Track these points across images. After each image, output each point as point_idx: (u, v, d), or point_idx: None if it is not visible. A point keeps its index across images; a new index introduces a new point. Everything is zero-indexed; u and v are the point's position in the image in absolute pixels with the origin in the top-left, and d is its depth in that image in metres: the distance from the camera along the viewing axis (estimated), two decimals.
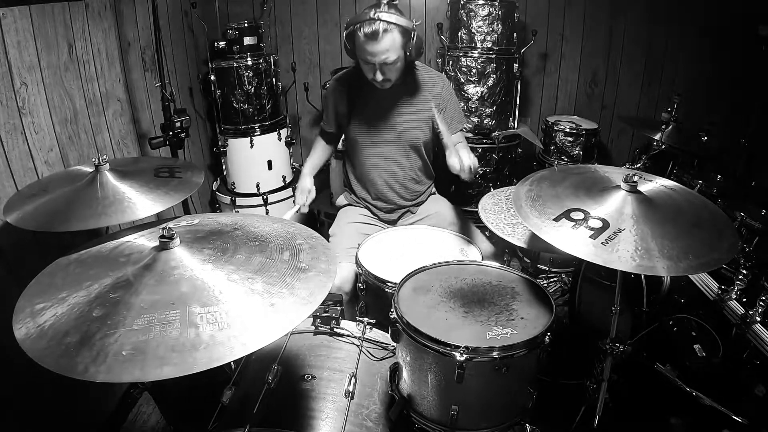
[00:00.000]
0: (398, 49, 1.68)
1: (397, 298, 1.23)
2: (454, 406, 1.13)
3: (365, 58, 1.70)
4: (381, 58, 1.67)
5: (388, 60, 1.68)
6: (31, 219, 1.23)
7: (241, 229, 1.15)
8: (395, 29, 1.64)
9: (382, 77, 1.73)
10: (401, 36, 1.67)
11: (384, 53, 1.66)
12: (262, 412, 1.12)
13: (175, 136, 1.98)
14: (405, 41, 1.68)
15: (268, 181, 2.76)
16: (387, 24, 1.62)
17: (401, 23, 1.64)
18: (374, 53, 1.66)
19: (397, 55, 1.69)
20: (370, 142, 1.94)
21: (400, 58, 1.71)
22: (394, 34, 1.65)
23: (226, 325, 0.84)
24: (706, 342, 1.55)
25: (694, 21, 2.68)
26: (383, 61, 1.68)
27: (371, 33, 1.62)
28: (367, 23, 1.62)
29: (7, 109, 1.54)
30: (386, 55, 1.67)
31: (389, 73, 1.74)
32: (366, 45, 1.65)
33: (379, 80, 1.74)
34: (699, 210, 1.27)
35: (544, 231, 1.17)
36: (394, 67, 1.73)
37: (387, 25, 1.62)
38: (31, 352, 0.81)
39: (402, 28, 1.65)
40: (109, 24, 2.05)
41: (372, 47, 1.65)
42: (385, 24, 1.62)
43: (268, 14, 2.98)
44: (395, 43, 1.66)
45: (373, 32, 1.62)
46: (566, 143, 2.63)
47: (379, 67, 1.71)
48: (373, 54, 1.66)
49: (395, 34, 1.65)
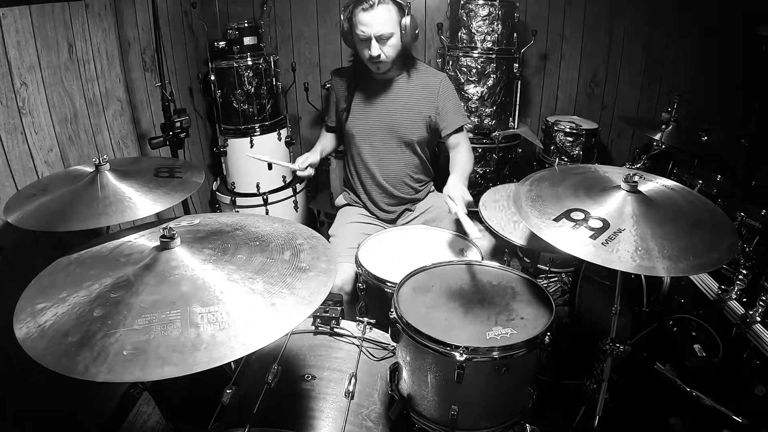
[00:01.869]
0: (394, 24, 1.73)
1: (397, 298, 1.23)
2: (454, 406, 1.13)
3: (361, 31, 1.73)
4: (376, 29, 1.71)
5: (383, 32, 1.71)
6: (31, 219, 1.23)
7: (241, 229, 1.15)
8: (390, 2, 1.71)
9: (378, 52, 1.74)
10: (396, 10, 1.73)
11: (378, 23, 1.70)
12: (262, 412, 1.12)
13: (175, 136, 1.98)
14: (400, 18, 1.74)
15: (268, 181, 2.75)
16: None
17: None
18: (369, 23, 1.70)
19: (392, 30, 1.73)
20: (365, 137, 1.95)
21: (395, 35, 1.75)
22: (389, 6, 1.72)
23: (226, 324, 0.85)
24: (706, 342, 1.55)
25: (694, 21, 2.68)
26: (378, 32, 1.71)
27: (368, 5, 1.69)
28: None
29: (7, 109, 1.54)
30: (381, 26, 1.71)
31: (385, 50, 1.76)
32: (362, 16, 1.70)
33: (375, 55, 1.74)
34: (699, 210, 1.27)
35: (544, 231, 1.17)
36: (390, 44, 1.75)
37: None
38: (32, 352, 0.81)
39: (397, 4, 1.72)
40: (109, 24, 2.05)
41: (367, 17, 1.70)
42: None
43: (268, 14, 2.97)
44: (390, 14, 1.71)
45: (369, 4, 1.69)
46: (566, 143, 2.63)
47: (375, 40, 1.73)
48: (368, 24, 1.70)
49: (390, 6, 1.72)
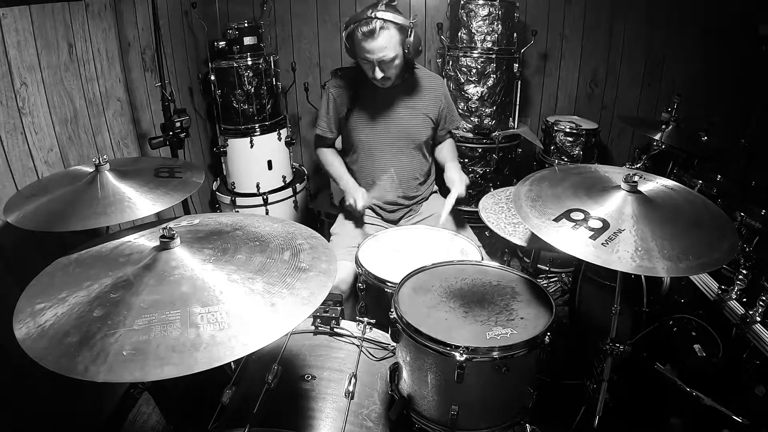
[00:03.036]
0: (396, 47, 1.72)
1: (397, 298, 1.23)
2: (454, 406, 1.13)
3: (364, 56, 1.73)
4: (379, 55, 1.70)
5: (385, 57, 1.71)
6: (31, 219, 1.23)
7: (241, 229, 1.15)
8: (392, 27, 1.68)
9: (382, 75, 1.75)
10: (398, 33, 1.71)
11: (381, 50, 1.69)
12: (262, 412, 1.12)
13: (175, 136, 1.99)
14: (402, 38, 1.72)
15: (268, 181, 2.75)
16: (383, 22, 1.66)
17: (398, 21, 1.69)
18: (372, 50, 1.70)
19: (395, 53, 1.72)
20: (372, 142, 1.95)
21: (399, 56, 1.75)
22: (391, 32, 1.69)
23: (226, 325, 0.84)
24: (706, 342, 1.55)
25: (694, 21, 2.68)
26: (381, 58, 1.71)
27: (368, 31, 1.67)
28: (365, 22, 1.67)
29: (7, 109, 1.54)
30: (384, 52, 1.70)
31: (388, 71, 1.76)
32: (364, 43, 1.69)
33: (379, 78, 1.76)
34: (699, 210, 1.27)
35: (544, 231, 1.16)
36: (393, 65, 1.75)
37: (383, 23, 1.67)
38: (32, 352, 0.81)
39: (399, 26, 1.70)
40: (109, 24, 2.05)
41: (369, 44, 1.69)
42: (381, 22, 1.66)
43: (268, 14, 2.97)
44: (392, 40, 1.70)
45: (371, 30, 1.66)
46: (566, 143, 2.63)
47: (378, 65, 1.73)
48: (371, 51, 1.70)
49: (392, 32, 1.69)
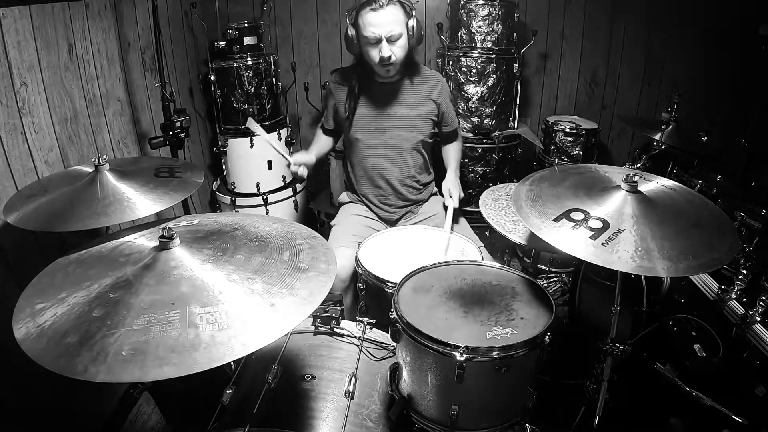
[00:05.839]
0: (402, 25, 1.73)
1: (397, 298, 1.23)
2: (454, 406, 1.13)
3: (371, 33, 1.72)
4: (387, 29, 1.71)
5: (393, 32, 1.71)
6: (31, 219, 1.23)
7: (241, 229, 1.15)
8: (398, 4, 1.71)
9: (389, 53, 1.74)
10: (403, 11, 1.73)
11: (389, 23, 1.70)
12: (262, 412, 1.12)
13: (175, 136, 1.99)
14: (406, 19, 1.74)
15: (268, 181, 2.75)
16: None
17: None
18: (380, 23, 1.70)
19: (401, 30, 1.73)
20: (371, 141, 1.95)
21: (404, 36, 1.75)
22: (397, 7, 1.71)
23: (225, 325, 0.84)
24: (706, 342, 1.55)
25: (694, 21, 2.67)
26: (389, 33, 1.71)
27: (377, 5, 1.68)
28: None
29: (7, 109, 1.54)
30: (391, 26, 1.71)
31: (395, 51, 1.75)
32: (371, 17, 1.69)
33: (386, 56, 1.74)
34: (699, 210, 1.27)
35: (544, 231, 1.16)
36: (399, 45, 1.76)
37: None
38: (31, 352, 0.81)
39: (403, 5, 1.73)
40: (109, 24, 2.05)
41: (378, 17, 1.69)
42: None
43: (268, 14, 2.97)
44: (399, 15, 1.72)
45: (379, 4, 1.68)
46: (566, 143, 2.63)
47: (385, 42, 1.72)
48: (379, 24, 1.70)
49: (398, 7, 1.71)
